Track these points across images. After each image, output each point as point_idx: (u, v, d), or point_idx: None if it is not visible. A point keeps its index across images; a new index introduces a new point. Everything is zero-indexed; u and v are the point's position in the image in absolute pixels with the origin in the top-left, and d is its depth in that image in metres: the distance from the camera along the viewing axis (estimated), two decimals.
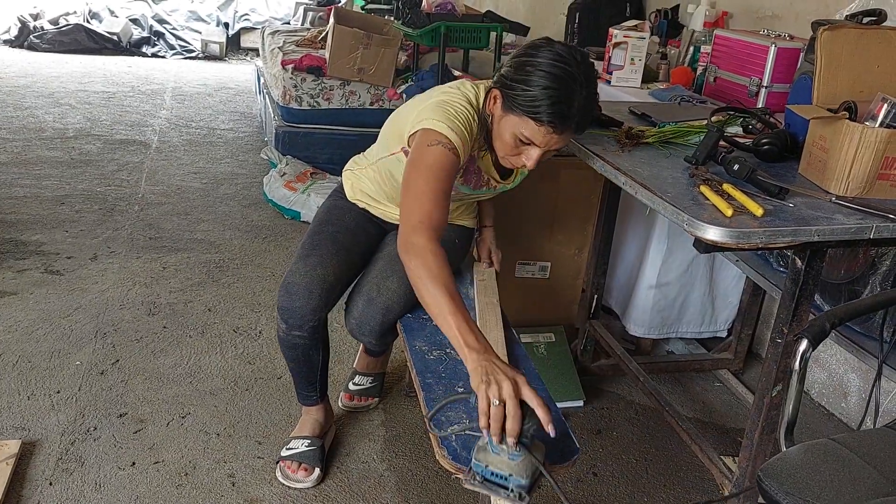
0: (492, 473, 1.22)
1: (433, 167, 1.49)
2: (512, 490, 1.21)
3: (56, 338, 2.44)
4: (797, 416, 1.29)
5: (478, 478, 1.24)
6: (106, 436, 2.02)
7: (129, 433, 2.04)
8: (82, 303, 2.66)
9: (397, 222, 1.90)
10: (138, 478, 1.89)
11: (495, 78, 1.57)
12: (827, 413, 2.41)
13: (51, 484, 1.84)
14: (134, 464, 1.93)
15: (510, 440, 1.18)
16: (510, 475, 1.21)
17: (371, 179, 1.91)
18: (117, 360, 2.35)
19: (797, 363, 1.25)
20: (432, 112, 1.56)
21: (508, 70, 1.53)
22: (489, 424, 1.19)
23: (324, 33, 4.69)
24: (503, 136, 1.56)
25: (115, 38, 7.37)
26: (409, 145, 1.62)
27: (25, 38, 7.27)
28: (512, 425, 1.17)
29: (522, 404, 1.20)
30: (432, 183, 1.47)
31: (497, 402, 1.18)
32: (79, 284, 2.79)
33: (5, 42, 7.37)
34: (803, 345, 1.25)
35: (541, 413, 1.19)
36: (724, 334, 2.65)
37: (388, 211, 1.92)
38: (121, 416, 2.10)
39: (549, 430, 1.20)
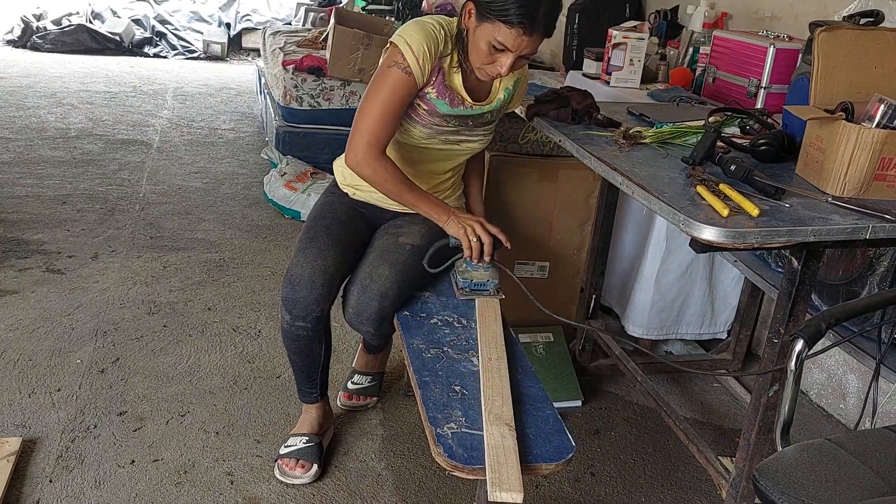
0: (475, 284, 1.82)
1: (388, 89, 1.73)
2: (491, 290, 1.82)
3: (57, 336, 2.45)
4: (793, 415, 1.29)
5: (466, 290, 1.82)
6: (106, 434, 2.03)
7: (129, 431, 2.05)
8: (83, 301, 2.67)
9: (385, 206, 1.97)
10: (138, 475, 1.90)
11: None
12: (826, 414, 2.42)
13: (51, 481, 1.85)
14: (133, 462, 1.94)
15: (486, 258, 1.77)
16: (488, 280, 1.82)
17: None
18: (117, 359, 2.36)
19: (793, 363, 1.25)
20: (402, 29, 1.76)
21: None
22: (472, 254, 1.75)
23: (325, 34, 4.70)
24: (478, 46, 1.70)
25: (117, 38, 7.38)
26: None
27: (28, 38, 7.28)
28: (488, 249, 1.76)
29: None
30: (384, 105, 1.74)
31: (475, 239, 1.74)
32: (80, 283, 2.80)
33: (8, 42, 7.38)
34: (799, 345, 1.25)
35: (500, 236, 1.77)
36: (724, 335, 2.65)
37: (377, 195, 1.93)
38: (121, 414, 2.11)
39: (507, 245, 1.79)
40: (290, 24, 7.52)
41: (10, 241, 3.09)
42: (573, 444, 1.44)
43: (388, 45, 1.78)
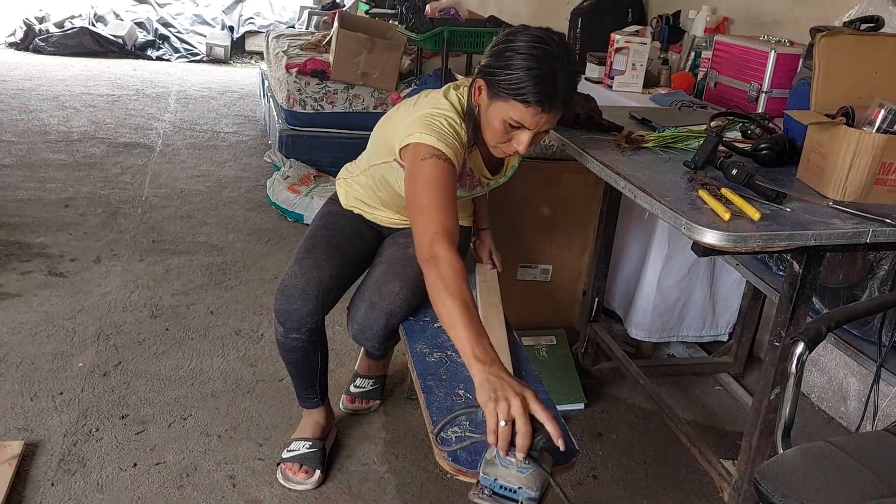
0: (501, 487, 1.21)
1: (431, 179, 1.52)
2: (522, 501, 1.21)
3: (59, 340, 2.46)
4: (794, 418, 1.30)
5: (486, 492, 1.23)
6: (108, 437, 2.03)
7: (131, 434, 2.05)
8: (85, 305, 2.68)
9: (393, 226, 1.93)
10: (140, 479, 1.90)
11: (477, 70, 1.59)
12: (827, 417, 2.42)
13: (53, 485, 1.85)
14: (136, 465, 1.94)
15: (520, 455, 1.18)
16: (519, 488, 1.20)
17: (364, 186, 1.93)
18: (120, 362, 2.37)
19: (794, 366, 1.26)
20: (419, 126, 1.58)
21: (489, 59, 1.55)
22: (497, 441, 1.19)
23: (328, 37, 4.71)
24: (492, 125, 1.57)
25: (120, 41, 7.40)
26: (400, 157, 1.65)
27: (31, 41, 7.31)
28: (522, 442, 1.17)
29: (532, 418, 1.20)
30: (435, 194, 1.50)
31: (504, 423, 1.17)
32: (82, 287, 2.81)
33: (11, 45, 7.40)
34: (800, 347, 1.26)
35: (550, 428, 1.19)
36: (725, 338, 2.65)
37: (382, 216, 1.93)
38: (123, 417, 2.12)
39: (560, 444, 1.20)
40: (293, 27, 7.55)
41: (12, 244, 3.10)
42: (576, 447, 1.44)
43: (404, 143, 1.60)
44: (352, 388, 2.26)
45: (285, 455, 1.95)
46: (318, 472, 1.93)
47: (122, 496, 1.84)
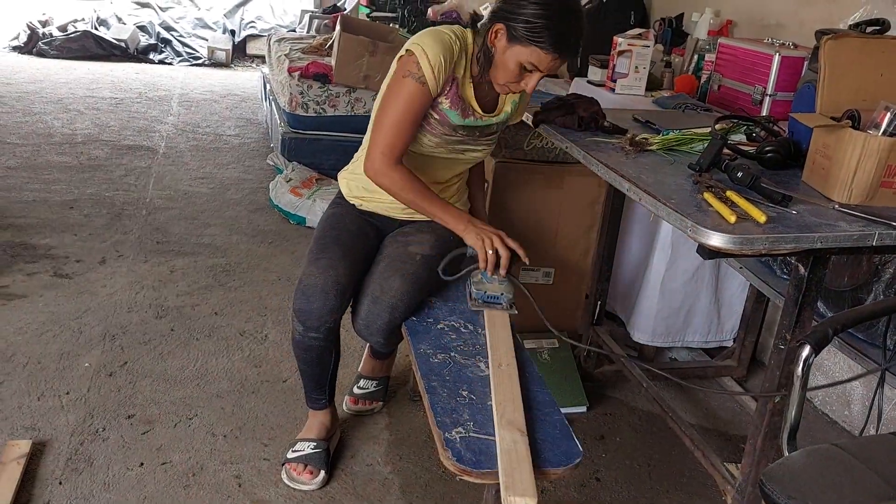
0: (488, 296, 1.81)
1: (403, 99, 1.75)
2: (504, 303, 1.81)
3: (65, 340, 2.46)
4: (800, 421, 1.30)
5: (479, 301, 1.82)
6: (114, 436, 2.04)
7: (138, 434, 2.06)
8: (91, 305, 2.69)
9: (392, 215, 1.98)
10: (146, 478, 1.91)
11: (491, 14, 1.74)
12: (830, 421, 2.42)
13: (60, 483, 1.86)
14: (142, 464, 1.95)
15: (502, 272, 1.77)
16: (501, 294, 1.80)
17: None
18: (126, 362, 2.37)
19: (800, 368, 1.26)
20: (418, 36, 1.77)
21: (506, 5, 1.70)
22: (487, 265, 1.75)
23: (330, 41, 4.72)
24: (507, 66, 1.73)
25: (122, 44, 7.40)
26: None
27: (34, 44, 7.32)
28: (505, 263, 1.75)
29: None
30: (400, 114, 1.76)
31: (492, 251, 1.74)
32: (87, 287, 2.81)
33: (14, 48, 7.41)
34: (806, 350, 1.26)
35: (520, 252, 1.77)
36: (730, 343, 2.66)
37: (383, 198, 1.93)
38: (129, 417, 2.12)
39: (525, 260, 1.78)
40: (294, 30, 7.55)
41: (18, 245, 3.11)
42: (581, 449, 1.45)
43: (402, 51, 1.78)
44: (355, 390, 2.26)
45: (290, 455, 1.96)
46: (322, 473, 1.93)
47: (129, 495, 1.84)
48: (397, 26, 5.15)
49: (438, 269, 1.81)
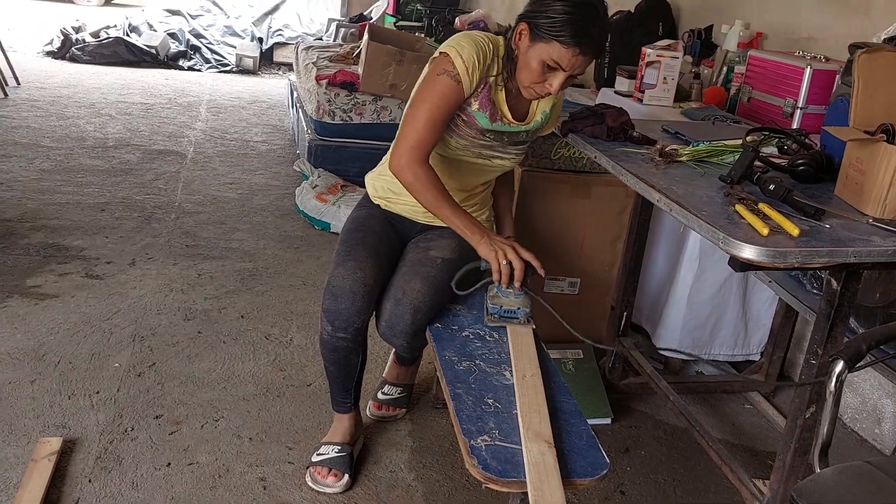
0: (505, 311, 1.76)
1: (436, 95, 1.76)
2: (521, 318, 1.76)
3: (96, 340, 2.50)
4: (832, 437, 1.29)
5: (496, 316, 1.77)
6: (143, 436, 2.06)
7: (165, 434, 2.08)
8: (121, 307, 2.72)
9: (416, 218, 1.99)
10: (174, 478, 1.93)
11: (518, 16, 1.76)
12: (860, 439, 2.39)
13: (90, 481, 1.88)
14: (169, 464, 1.97)
15: (517, 285, 1.73)
16: (518, 308, 1.76)
17: None
18: (154, 364, 2.40)
19: (832, 384, 1.25)
20: (454, 38, 1.79)
21: (530, 6, 1.73)
22: (501, 278, 1.71)
23: (357, 49, 4.76)
24: (530, 65, 1.73)
25: (153, 51, 7.52)
26: None
27: (68, 49, 7.45)
28: (519, 275, 1.72)
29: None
30: (432, 111, 1.76)
31: (505, 263, 1.70)
32: (118, 289, 2.85)
33: (48, 53, 7.55)
34: (839, 366, 1.25)
35: (535, 263, 1.73)
36: (757, 357, 2.63)
37: (409, 200, 1.93)
38: (157, 417, 2.15)
39: (541, 272, 1.74)
40: (320, 39, 7.63)
41: (51, 246, 3.16)
42: (607, 460, 1.45)
43: (436, 53, 1.81)
44: (379, 395, 2.27)
45: (315, 459, 1.97)
46: (346, 477, 1.94)
47: (156, 495, 1.87)
48: (424, 35, 5.18)
49: (451, 283, 1.79)
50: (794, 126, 2.25)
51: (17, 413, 2.10)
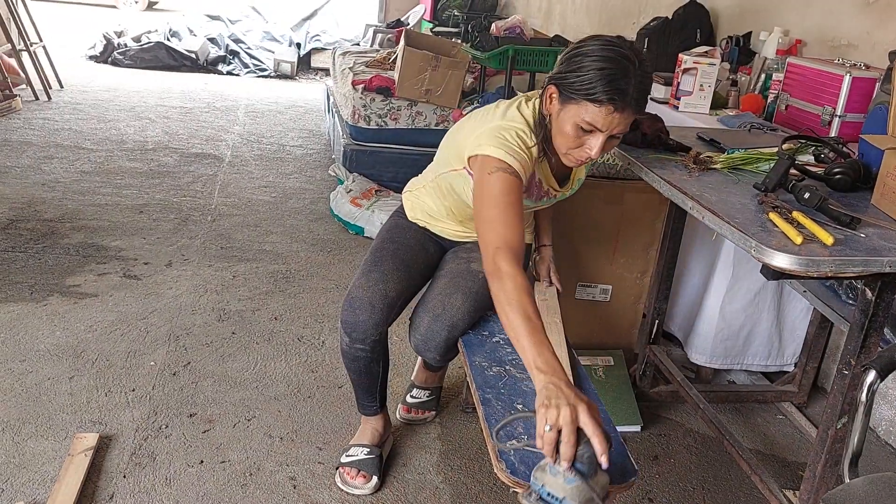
0: (547, 493, 1.23)
1: (498, 193, 1.54)
2: None
3: (132, 339, 2.56)
4: (862, 448, 1.27)
5: (534, 495, 1.26)
6: (177, 434, 2.10)
7: (198, 432, 2.12)
8: (157, 307, 2.78)
9: (457, 239, 1.96)
10: (206, 475, 1.96)
11: (548, 78, 1.60)
12: (894, 452, 2.34)
13: (125, 477, 1.93)
14: (202, 462, 2.01)
15: (564, 464, 1.19)
16: (563, 498, 1.21)
17: (430, 197, 1.96)
18: (189, 363, 2.45)
19: (864, 394, 1.24)
20: (489, 139, 1.60)
21: (561, 66, 1.56)
22: (544, 447, 1.21)
23: (393, 55, 4.80)
24: (564, 129, 1.56)
25: (193, 55, 7.65)
26: (469, 165, 1.67)
27: (109, 54, 7.62)
28: (565, 450, 1.18)
29: (580, 431, 1.20)
30: (501, 208, 1.52)
31: (549, 428, 1.19)
32: (154, 289, 2.91)
33: (91, 57, 7.73)
34: (871, 376, 1.23)
35: (596, 442, 1.19)
36: (791, 368, 2.59)
37: (447, 228, 1.96)
38: (191, 415, 2.19)
39: (603, 461, 1.19)
40: (357, 44, 7.70)
41: (90, 246, 3.24)
42: (636, 467, 1.44)
43: (471, 153, 1.64)
44: (408, 399, 2.29)
45: (344, 459, 1.99)
46: (375, 478, 1.96)
47: (188, 491, 1.90)
48: (460, 41, 5.20)
49: (493, 430, 1.47)
50: (833, 134, 2.22)
51: (55, 409, 2.16)
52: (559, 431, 1.19)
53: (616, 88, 1.47)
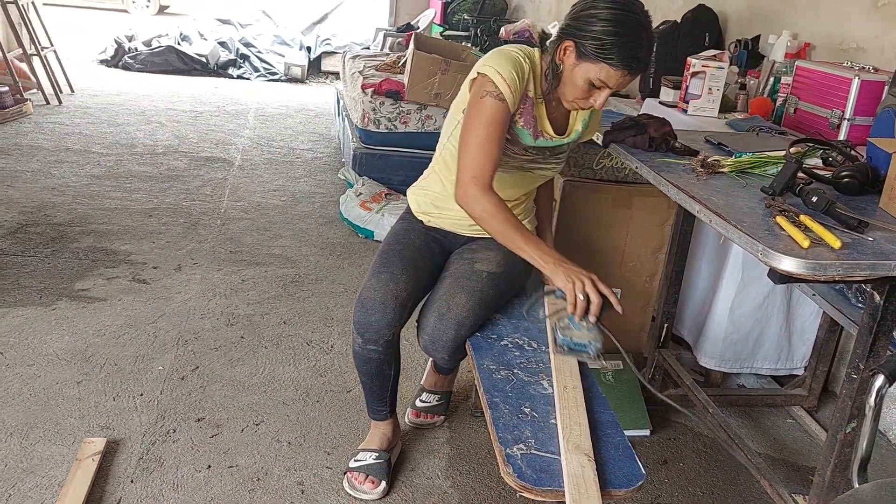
0: (575, 343, 1.64)
1: (485, 119, 1.72)
2: (591, 352, 1.63)
3: (141, 343, 2.57)
4: (871, 453, 1.26)
5: (565, 348, 1.67)
6: (184, 438, 2.11)
7: (206, 437, 2.13)
8: (166, 311, 2.79)
9: (461, 231, 1.98)
10: (213, 480, 1.97)
11: (560, 31, 1.73)
12: None
13: (132, 481, 1.93)
14: (210, 467, 2.01)
15: (592, 318, 1.60)
16: (589, 342, 1.63)
17: (436, 180, 1.98)
18: (197, 367, 2.46)
19: (872, 399, 1.23)
20: (488, 58, 1.77)
21: (573, 22, 1.70)
22: (575, 311, 1.59)
23: (403, 59, 4.80)
24: (575, 82, 1.72)
25: (203, 59, 7.69)
26: (470, 88, 1.81)
27: (120, 58, 7.67)
28: (595, 310, 1.59)
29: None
30: (483, 135, 1.72)
31: (582, 297, 1.58)
32: (163, 293, 2.93)
33: (102, 62, 7.78)
34: (879, 380, 1.22)
35: (612, 300, 1.61)
36: (801, 371, 2.58)
37: (452, 215, 1.95)
38: (199, 420, 2.20)
39: (619, 309, 1.61)
40: (368, 48, 7.71)
41: (99, 250, 3.25)
42: (643, 471, 1.44)
43: (473, 74, 1.78)
44: (417, 403, 2.29)
45: (352, 464, 1.99)
46: (383, 483, 1.96)
47: (196, 496, 1.91)
48: (470, 45, 5.21)
49: (523, 310, 1.83)
50: (841, 137, 2.21)
51: (63, 413, 2.17)
52: (587, 299, 1.58)
53: (633, 56, 1.66)
